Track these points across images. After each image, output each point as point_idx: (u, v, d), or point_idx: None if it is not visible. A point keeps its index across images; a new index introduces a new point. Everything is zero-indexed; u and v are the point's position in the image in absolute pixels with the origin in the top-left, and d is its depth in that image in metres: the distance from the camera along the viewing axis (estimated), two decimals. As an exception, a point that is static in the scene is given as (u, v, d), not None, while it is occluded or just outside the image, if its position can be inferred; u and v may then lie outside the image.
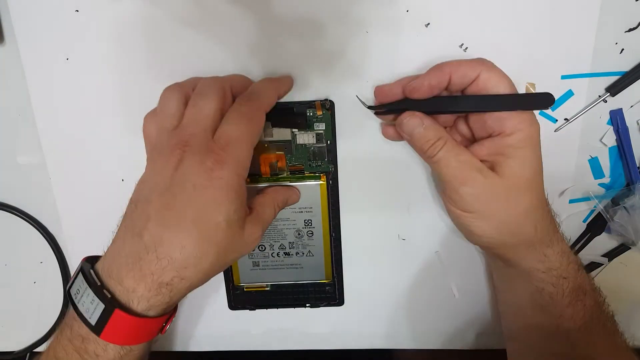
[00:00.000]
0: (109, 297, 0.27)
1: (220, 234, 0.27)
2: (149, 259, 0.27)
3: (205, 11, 0.34)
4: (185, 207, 0.27)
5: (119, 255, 0.28)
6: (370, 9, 0.33)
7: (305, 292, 0.41)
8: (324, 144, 0.36)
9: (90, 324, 0.27)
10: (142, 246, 0.27)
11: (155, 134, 0.30)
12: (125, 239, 0.28)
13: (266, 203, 0.33)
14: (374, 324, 0.42)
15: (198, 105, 0.29)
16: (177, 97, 0.30)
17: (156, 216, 0.27)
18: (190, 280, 0.28)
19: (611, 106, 0.36)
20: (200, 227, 0.27)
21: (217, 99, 0.29)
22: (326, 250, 0.39)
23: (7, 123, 0.38)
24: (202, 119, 0.28)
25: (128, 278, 0.27)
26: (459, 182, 0.30)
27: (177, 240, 0.26)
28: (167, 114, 0.29)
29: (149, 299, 0.27)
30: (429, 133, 0.30)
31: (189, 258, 0.27)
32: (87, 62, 0.35)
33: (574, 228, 0.39)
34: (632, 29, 0.34)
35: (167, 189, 0.27)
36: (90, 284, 0.28)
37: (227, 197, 0.27)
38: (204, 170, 0.27)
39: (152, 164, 0.29)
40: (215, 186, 0.27)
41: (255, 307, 0.41)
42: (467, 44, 0.34)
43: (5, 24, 0.35)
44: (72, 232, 0.40)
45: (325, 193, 0.37)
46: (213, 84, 0.30)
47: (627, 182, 0.37)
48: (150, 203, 0.27)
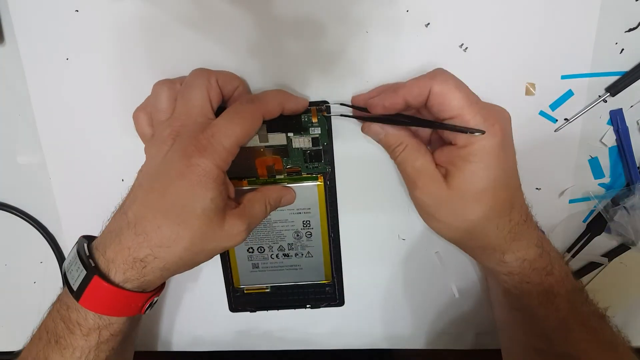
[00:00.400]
0: (92, 266, 0.29)
1: (195, 220, 0.28)
2: (129, 233, 0.29)
3: (205, 11, 0.34)
4: (165, 190, 0.28)
5: (107, 230, 0.31)
6: (370, 9, 0.33)
7: (305, 293, 0.41)
8: (320, 146, 0.36)
9: (72, 289, 0.29)
10: (125, 221, 0.29)
11: (150, 127, 0.32)
12: (115, 216, 0.31)
13: (255, 199, 0.33)
14: (374, 324, 0.42)
15: (185, 97, 0.30)
16: (167, 92, 0.32)
17: (142, 197, 0.29)
18: (164, 260, 0.29)
19: (611, 106, 0.36)
20: (176, 210, 0.28)
21: (203, 88, 0.30)
22: (325, 251, 0.39)
23: (7, 123, 0.38)
24: (190, 110, 0.30)
25: (110, 249, 0.29)
26: (412, 187, 0.32)
27: (155, 220, 0.28)
28: (158, 108, 0.31)
29: (125, 272, 0.29)
30: (389, 139, 0.32)
31: (163, 238, 0.28)
32: (87, 62, 0.35)
33: (574, 228, 0.39)
34: (632, 29, 0.34)
35: (155, 173, 0.29)
36: (80, 255, 0.30)
37: (204, 185, 0.28)
38: (185, 157, 0.28)
39: (147, 154, 0.32)
40: (193, 172, 0.28)
41: (255, 309, 0.41)
42: (467, 44, 0.34)
43: (5, 24, 0.35)
44: (72, 232, 0.40)
45: (323, 194, 0.37)
46: (199, 75, 0.31)
47: (627, 182, 0.37)
48: (140, 187, 0.30)
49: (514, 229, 0.31)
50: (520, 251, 0.31)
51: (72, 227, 0.40)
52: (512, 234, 0.31)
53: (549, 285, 0.31)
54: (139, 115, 0.33)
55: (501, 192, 0.30)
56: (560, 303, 0.31)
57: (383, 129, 0.32)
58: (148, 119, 0.33)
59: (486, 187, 0.29)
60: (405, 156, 0.32)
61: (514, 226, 0.31)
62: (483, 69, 0.35)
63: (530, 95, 0.35)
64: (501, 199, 0.30)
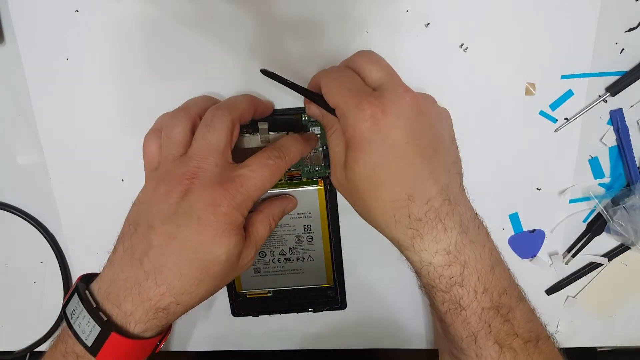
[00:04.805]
0: (105, 320, 0.28)
1: (219, 265, 0.29)
2: (148, 285, 0.28)
3: (206, 11, 0.34)
4: (188, 238, 0.28)
5: (117, 278, 0.29)
6: (370, 9, 0.33)
7: (307, 296, 0.41)
8: (320, 148, 0.36)
9: (86, 345, 0.28)
10: (141, 272, 0.28)
11: (158, 157, 0.31)
12: (124, 262, 0.29)
13: (259, 221, 0.33)
14: (374, 325, 0.42)
15: (207, 138, 0.29)
16: (184, 124, 0.30)
17: (158, 244, 0.28)
18: (186, 305, 0.29)
19: (611, 106, 0.36)
20: (200, 258, 0.28)
21: (227, 132, 0.30)
22: (326, 254, 0.39)
23: (7, 123, 0.38)
24: (211, 153, 0.29)
25: (126, 302, 0.28)
26: (330, 169, 0.32)
27: (177, 269, 0.28)
28: (173, 140, 0.30)
29: (146, 322, 0.28)
30: (323, 122, 0.32)
31: (186, 286, 0.28)
32: (87, 62, 0.35)
33: (574, 228, 0.39)
34: (632, 29, 0.34)
35: (171, 217, 0.28)
36: (86, 305, 0.28)
37: (230, 233, 0.28)
38: (211, 205, 0.28)
39: (154, 188, 0.30)
40: (220, 221, 0.28)
41: (258, 314, 0.41)
42: (467, 44, 0.34)
43: (5, 24, 0.35)
44: (72, 232, 0.40)
45: (324, 198, 0.37)
46: (224, 116, 0.30)
47: (627, 182, 0.37)
48: (152, 229, 0.28)
49: (413, 225, 0.28)
50: (424, 253, 0.28)
51: (72, 227, 0.40)
52: (413, 231, 0.28)
53: (457, 295, 0.29)
54: (151, 140, 0.32)
55: (388, 180, 0.28)
56: (470, 317, 0.29)
57: (320, 110, 0.32)
58: (159, 147, 0.31)
59: (367, 174, 0.28)
60: (330, 140, 0.31)
61: (413, 222, 0.28)
62: (483, 69, 0.35)
63: (530, 95, 0.35)
64: (390, 188, 0.28)
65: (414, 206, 0.28)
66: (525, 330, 0.29)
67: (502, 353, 0.29)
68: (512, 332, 0.29)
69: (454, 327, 0.29)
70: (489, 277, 0.29)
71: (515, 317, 0.29)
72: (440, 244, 0.28)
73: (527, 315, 0.30)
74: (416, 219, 0.28)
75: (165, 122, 0.32)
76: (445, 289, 0.29)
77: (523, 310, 0.30)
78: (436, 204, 0.28)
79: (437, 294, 0.29)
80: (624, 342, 0.43)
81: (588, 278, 0.41)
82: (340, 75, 0.30)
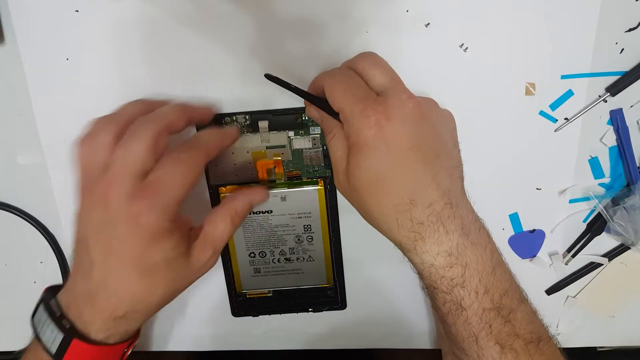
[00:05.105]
0: (68, 328, 0.29)
1: (162, 271, 0.29)
2: (100, 298, 0.28)
3: (206, 11, 0.34)
4: (122, 250, 0.28)
5: (74, 291, 0.30)
6: (370, 9, 0.33)
7: (307, 296, 0.41)
8: (320, 148, 0.36)
9: (50, 352, 0.29)
10: (92, 286, 0.29)
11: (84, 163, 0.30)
12: (77, 276, 0.30)
13: (218, 217, 0.32)
14: (374, 325, 0.42)
15: (128, 147, 0.28)
16: (110, 130, 0.29)
17: (99, 259, 0.28)
18: (144, 312, 0.30)
19: (611, 106, 0.36)
20: (140, 268, 0.28)
21: (151, 142, 0.28)
22: (326, 254, 0.39)
23: (7, 123, 0.38)
24: (130, 162, 0.28)
25: (85, 313, 0.29)
26: (333, 174, 0.32)
27: (122, 282, 0.28)
28: (96, 148, 0.29)
29: (106, 330, 0.29)
30: (323, 125, 0.32)
31: (137, 294, 0.29)
32: (87, 62, 0.35)
33: (574, 228, 0.39)
34: (632, 29, 0.34)
35: (101, 232, 0.28)
36: (50, 314, 0.29)
37: (162, 240, 0.28)
38: (131, 216, 0.27)
39: (82, 199, 0.30)
40: (144, 231, 0.27)
41: (258, 314, 0.41)
42: (467, 44, 0.34)
43: (5, 24, 0.35)
44: (72, 232, 0.40)
45: (324, 198, 0.37)
46: (149, 124, 0.29)
47: (627, 182, 0.37)
48: (89, 247, 0.29)
49: (415, 229, 0.28)
50: (426, 255, 0.29)
51: (72, 227, 0.40)
52: (415, 234, 0.29)
53: (458, 296, 0.29)
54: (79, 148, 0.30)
55: (391, 186, 0.28)
56: (471, 317, 0.29)
57: (320, 114, 0.32)
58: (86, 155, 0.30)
59: (370, 179, 0.28)
60: (331, 145, 0.31)
61: (415, 225, 0.28)
62: (483, 69, 0.35)
63: (530, 95, 0.35)
64: (392, 193, 0.28)
65: (416, 210, 0.28)
66: (526, 332, 0.29)
67: (503, 354, 0.29)
68: (513, 333, 0.29)
69: (455, 327, 0.30)
70: (490, 279, 0.29)
71: (516, 318, 0.29)
72: (442, 246, 0.28)
73: (529, 317, 0.30)
74: (418, 222, 0.28)
75: (91, 129, 0.30)
76: (447, 290, 0.29)
77: (524, 312, 0.30)
78: (438, 208, 0.28)
79: (438, 295, 0.29)
80: (624, 342, 0.43)
81: (588, 278, 0.41)
82: (344, 78, 0.30)
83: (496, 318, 0.29)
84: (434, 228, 0.28)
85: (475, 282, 0.29)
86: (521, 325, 0.29)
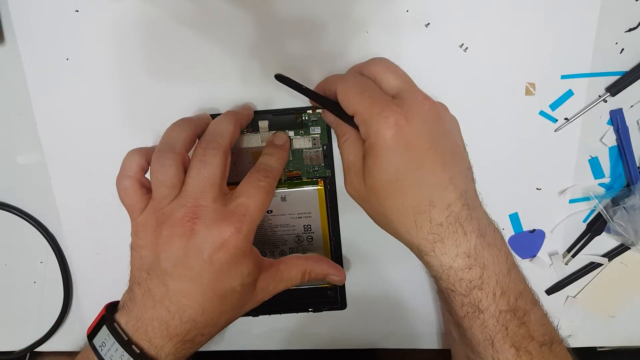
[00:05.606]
0: (139, 353, 0.29)
1: (236, 295, 0.30)
2: (175, 323, 0.29)
3: (206, 11, 0.34)
4: (203, 276, 0.29)
5: (143, 316, 0.30)
6: (370, 9, 0.33)
7: (307, 296, 0.40)
8: (320, 147, 0.36)
9: None
10: (166, 313, 0.29)
11: (142, 200, 0.30)
12: (146, 304, 0.30)
13: (296, 266, 0.33)
14: (374, 325, 0.42)
15: (202, 175, 0.29)
16: (176, 166, 0.29)
17: (176, 287, 0.29)
18: (210, 335, 0.31)
19: (611, 106, 0.36)
20: (218, 292, 0.29)
21: (221, 165, 0.30)
22: (326, 254, 0.39)
23: (7, 123, 0.38)
24: (208, 189, 0.29)
25: (156, 338, 0.29)
26: (344, 177, 0.32)
27: (199, 307, 0.29)
28: (167, 185, 0.29)
29: (176, 353, 0.30)
30: (336, 129, 0.33)
31: (209, 319, 0.30)
32: (87, 62, 0.35)
33: (574, 228, 0.39)
34: (632, 29, 0.34)
35: (182, 261, 0.29)
36: (118, 338, 0.29)
37: (243, 264, 0.30)
38: (220, 243, 0.28)
39: (155, 233, 0.30)
40: (232, 255, 0.29)
41: (258, 314, 0.41)
42: (467, 44, 0.34)
43: (5, 24, 0.35)
44: (72, 232, 0.40)
45: (324, 198, 0.37)
46: (216, 150, 0.30)
47: (627, 182, 0.37)
48: (167, 274, 0.29)
49: (434, 230, 0.29)
50: (444, 257, 0.29)
51: (72, 227, 0.40)
52: (434, 235, 0.29)
53: (476, 299, 0.29)
54: (127, 184, 0.30)
55: (411, 187, 0.28)
56: (488, 320, 0.29)
57: (335, 118, 0.32)
58: (141, 188, 0.30)
59: (390, 180, 0.29)
60: (344, 148, 0.31)
61: (434, 227, 0.29)
62: (483, 69, 0.35)
63: (530, 95, 0.35)
64: (412, 194, 0.29)
65: (435, 211, 0.28)
66: (540, 334, 0.29)
67: (518, 356, 0.29)
68: (528, 335, 0.29)
69: (471, 331, 0.30)
70: (505, 280, 0.29)
71: (530, 321, 0.29)
72: (460, 247, 0.29)
73: (542, 319, 0.30)
74: (437, 224, 0.28)
75: (153, 167, 0.30)
76: (465, 293, 0.29)
77: (537, 314, 0.30)
78: (456, 209, 0.28)
79: (456, 297, 0.29)
80: (624, 342, 0.43)
81: (588, 278, 0.41)
82: (359, 82, 0.30)
83: (512, 320, 0.29)
84: (453, 229, 0.28)
85: (492, 283, 0.29)
86: (535, 328, 0.29)
